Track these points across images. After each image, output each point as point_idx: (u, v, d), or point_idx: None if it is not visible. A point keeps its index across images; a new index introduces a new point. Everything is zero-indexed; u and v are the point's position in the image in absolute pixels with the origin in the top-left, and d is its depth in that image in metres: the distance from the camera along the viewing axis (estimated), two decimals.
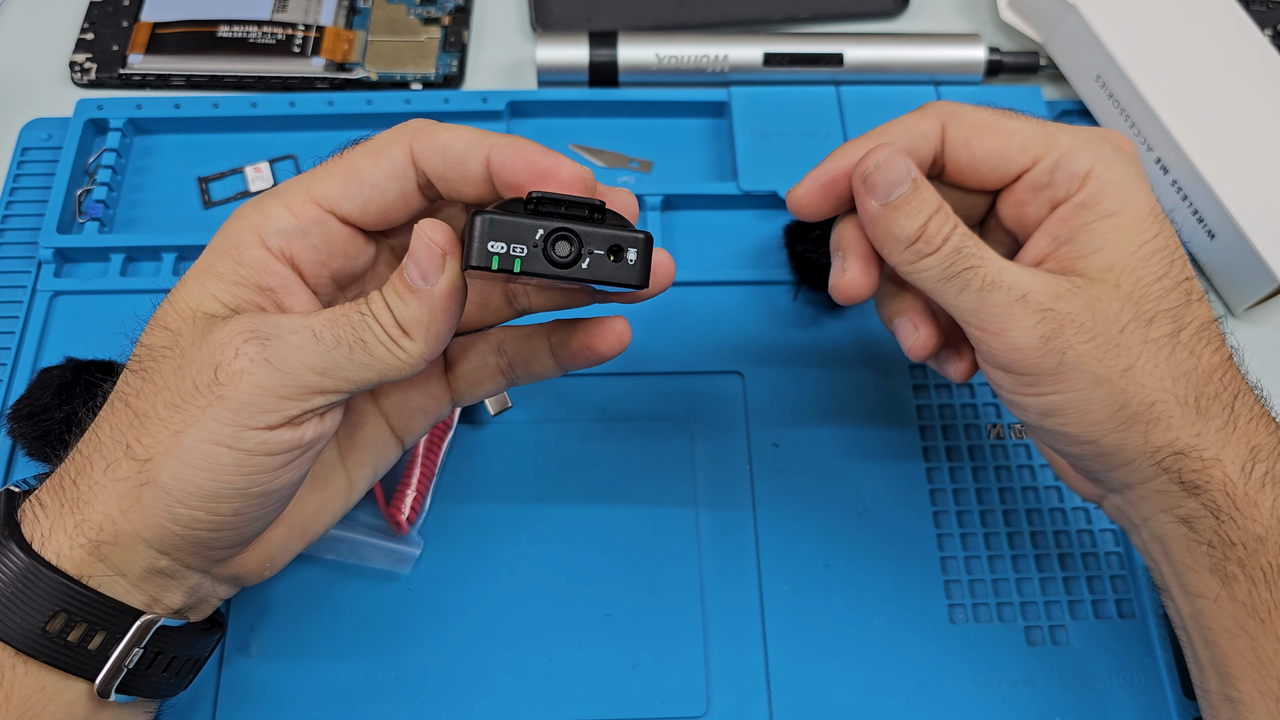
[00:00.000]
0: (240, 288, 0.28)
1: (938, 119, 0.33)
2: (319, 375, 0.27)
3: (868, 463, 0.41)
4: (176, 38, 0.49)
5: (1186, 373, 0.30)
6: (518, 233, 0.25)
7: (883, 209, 0.31)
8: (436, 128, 0.28)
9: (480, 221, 0.25)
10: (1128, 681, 0.38)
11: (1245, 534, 0.30)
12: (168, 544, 0.27)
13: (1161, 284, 0.30)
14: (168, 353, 0.27)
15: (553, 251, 0.25)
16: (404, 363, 0.27)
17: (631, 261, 0.26)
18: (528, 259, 0.25)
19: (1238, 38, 0.47)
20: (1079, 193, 0.31)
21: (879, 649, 0.38)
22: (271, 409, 0.26)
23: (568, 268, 0.26)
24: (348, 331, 0.27)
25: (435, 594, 0.38)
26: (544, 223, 0.26)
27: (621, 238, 0.26)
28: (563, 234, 0.26)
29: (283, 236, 0.28)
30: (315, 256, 0.29)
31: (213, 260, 0.28)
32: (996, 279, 0.30)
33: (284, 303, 0.28)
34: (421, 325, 0.27)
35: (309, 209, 0.28)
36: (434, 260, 0.26)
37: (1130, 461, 0.31)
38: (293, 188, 0.28)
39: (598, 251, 0.26)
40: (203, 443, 0.26)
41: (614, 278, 0.26)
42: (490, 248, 0.25)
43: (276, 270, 0.28)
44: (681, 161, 0.48)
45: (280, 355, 0.26)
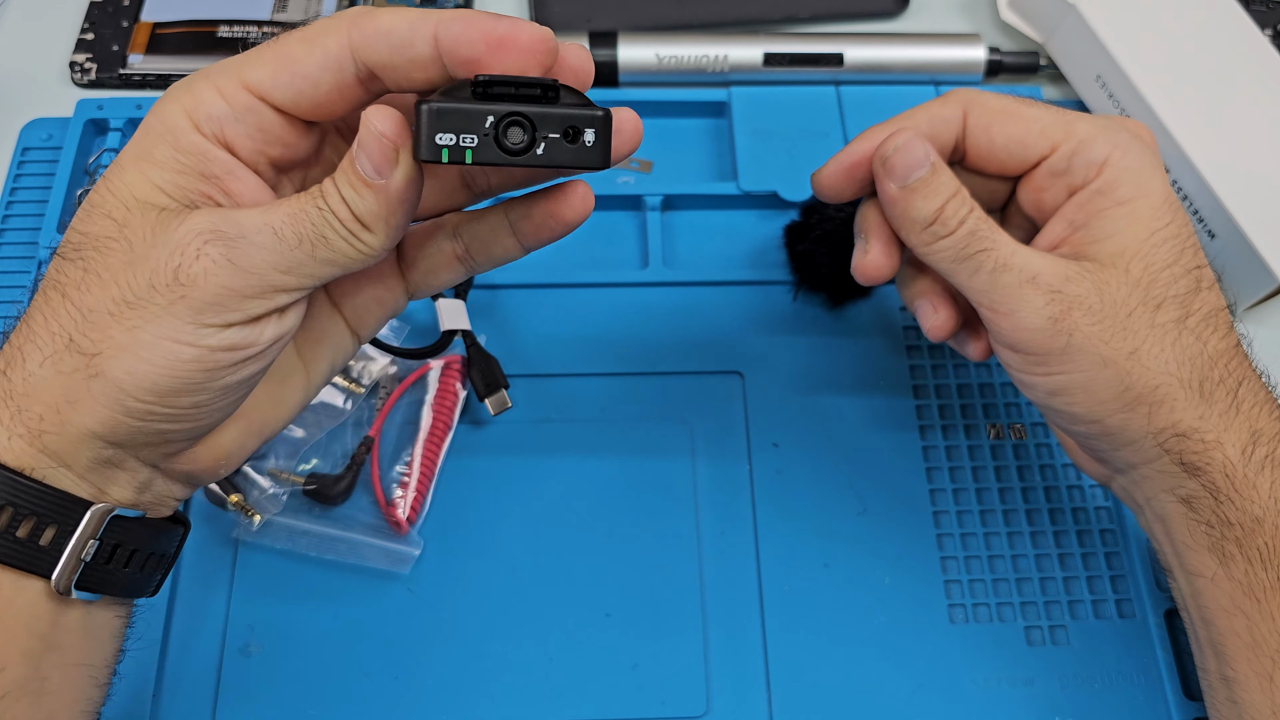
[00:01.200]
0: (184, 176, 0.26)
1: (959, 106, 0.34)
2: (282, 274, 0.26)
3: (867, 463, 0.41)
4: (177, 38, 0.49)
5: (1192, 357, 0.31)
6: (467, 121, 0.24)
7: (901, 191, 0.32)
8: (376, 11, 0.26)
9: (426, 112, 0.24)
10: (1127, 681, 0.38)
11: (1243, 515, 0.31)
12: (120, 435, 0.26)
13: (1171, 271, 0.31)
14: (113, 244, 0.26)
15: (505, 138, 0.24)
16: (365, 255, 0.27)
17: (590, 142, 0.25)
18: (479, 148, 0.24)
19: (1238, 37, 0.47)
20: (1096, 180, 0.32)
21: (879, 649, 0.38)
22: (235, 307, 0.26)
23: (522, 154, 0.24)
24: (308, 228, 0.26)
25: (435, 594, 0.38)
26: (493, 107, 0.24)
27: (577, 117, 0.24)
28: (514, 119, 0.24)
29: (215, 122, 0.26)
30: (251, 144, 0.27)
31: (149, 145, 0.27)
32: (1008, 261, 0.31)
33: (231, 189, 0.27)
34: (380, 218, 0.26)
35: (240, 94, 0.26)
36: (385, 154, 0.25)
37: (1134, 442, 0.32)
38: (225, 69, 0.27)
39: (553, 135, 0.24)
40: (162, 339, 0.25)
41: (573, 161, 0.25)
42: (439, 139, 0.24)
43: (217, 156, 0.27)
44: (681, 161, 0.48)
45: (244, 255, 0.25)
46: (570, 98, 0.25)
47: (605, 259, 0.45)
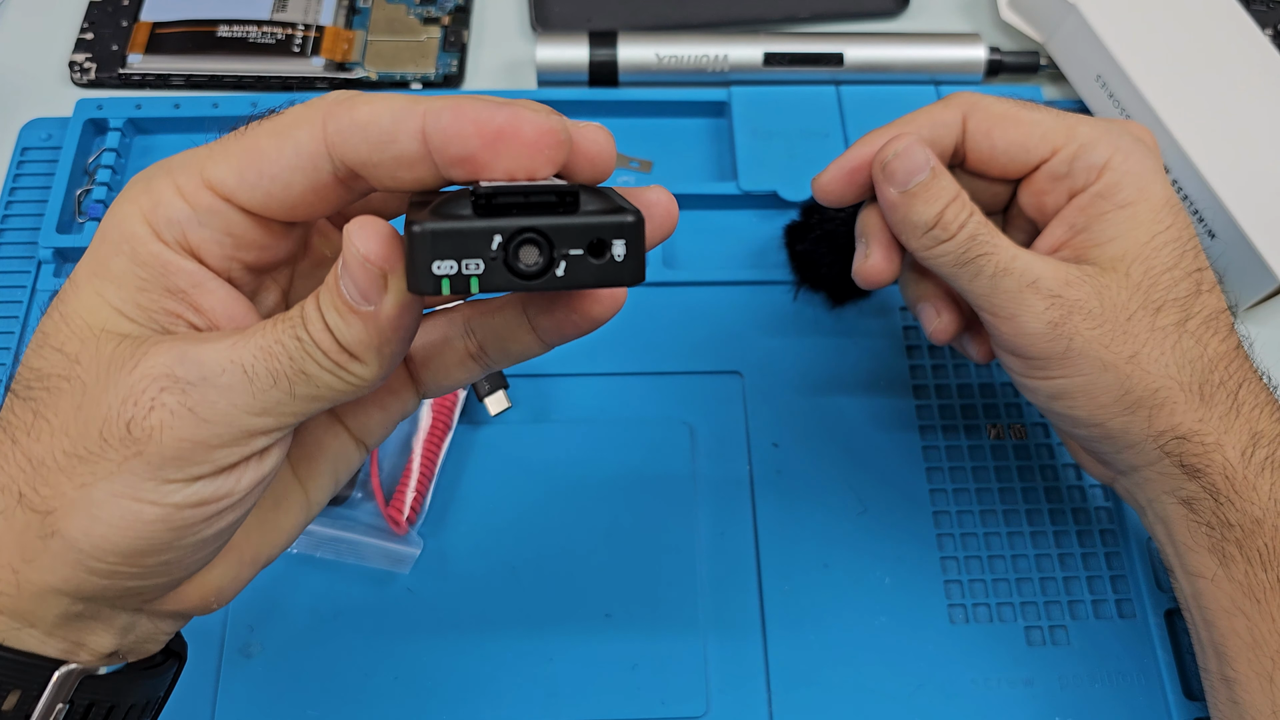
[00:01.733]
0: (145, 293, 0.23)
1: (960, 110, 0.34)
2: (256, 416, 0.22)
3: (867, 463, 0.41)
4: (176, 37, 0.49)
5: (1192, 360, 0.31)
6: (468, 243, 0.20)
7: (901, 196, 0.32)
8: (355, 100, 0.22)
9: (418, 237, 0.20)
10: (1127, 682, 0.38)
11: (1243, 516, 0.31)
12: (86, 591, 0.23)
13: (1172, 274, 0.31)
14: (64, 385, 0.22)
15: (517, 260, 0.20)
16: (356, 388, 0.23)
17: (620, 256, 0.21)
18: (487, 274, 0.20)
19: (1238, 37, 0.47)
20: (1096, 183, 0.32)
21: (879, 649, 0.38)
22: (201, 460, 0.22)
23: (539, 277, 0.20)
24: (285, 364, 0.22)
25: (434, 594, 0.38)
26: (500, 223, 0.20)
27: (603, 227, 0.20)
28: (526, 236, 0.20)
29: (176, 227, 0.23)
30: (219, 251, 0.23)
31: (105, 256, 0.23)
32: (1008, 266, 0.31)
33: (201, 304, 0.23)
34: (370, 348, 0.22)
35: (203, 195, 0.23)
36: (372, 281, 0.21)
37: (1135, 445, 0.32)
38: (187, 165, 0.23)
39: (575, 251, 0.20)
40: (118, 498, 0.22)
41: (601, 280, 0.21)
42: (436, 269, 0.20)
43: (181, 267, 0.23)
44: (681, 161, 0.48)
45: (207, 403, 0.22)
46: (593, 201, 0.21)
47: None
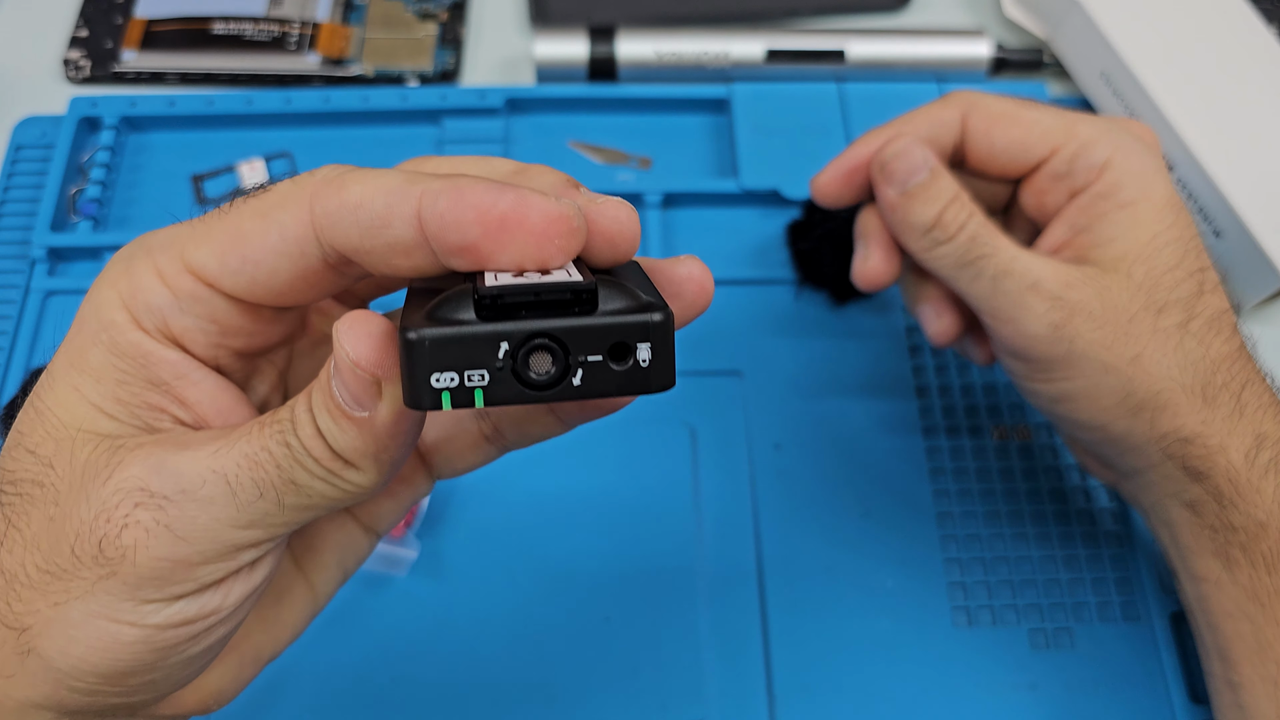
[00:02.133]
0: (125, 386, 0.21)
1: (959, 109, 0.33)
2: (242, 530, 0.20)
3: (870, 464, 0.41)
4: (171, 34, 0.49)
5: (1194, 362, 0.31)
6: (470, 352, 0.18)
7: (900, 197, 0.32)
8: (346, 179, 0.20)
9: (414, 347, 0.17)
10: (1133, 685, 0.37)
11: (1247, 519, 0.30)
12: (70, 706, 0.21)
13: (1174, 274, 0.31)
14: (37, 492, 0.21)
15: (527, 370, 0.18)
16: (352, 495, 0.21)
17: (645, 361, 0.18)
18: (493, 386, 0.18)
19: (1244, 34, 0.46)
20: (1097, 182, 0.32)
21: (882, 653, 0.37)
22: (182, 578, 0.20)
23: (552, 388, 0.18)
24: (272, 473, 0.20)
25: (431, 597, 0.38)
26: (507, 328, 0.18)
27: (625, 328, 0.18)
28: (536, 343, 0.18)
29: (157, 314, 0.21)
30: (204, 338, 0.22)
31: (82, 346, 0.21)
32: (1009, 267, 0.31)
33: (187, 397, 0.22)
34: (367, 456, 0.20)
35: (184, 279, 0.21)
36: (365, 387, 0.19)
37: (1138, 448, 0.31)
38: (168, 245, 0.21)
39: (593, 358, 0.18)
40: (94, 618, 0.20)
41: (624, 388, 0.18)
42: (435, 381, 0.18)
43: (164, 358, 0.21)
44: (682, 158, 0.48)
45: (186, 519, 0.20)
46: (614, 295, 0.18)
47: None
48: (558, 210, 0.18)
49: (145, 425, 0.21)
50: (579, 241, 0.19)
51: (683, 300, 0.21)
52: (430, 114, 0.47)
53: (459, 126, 0.47)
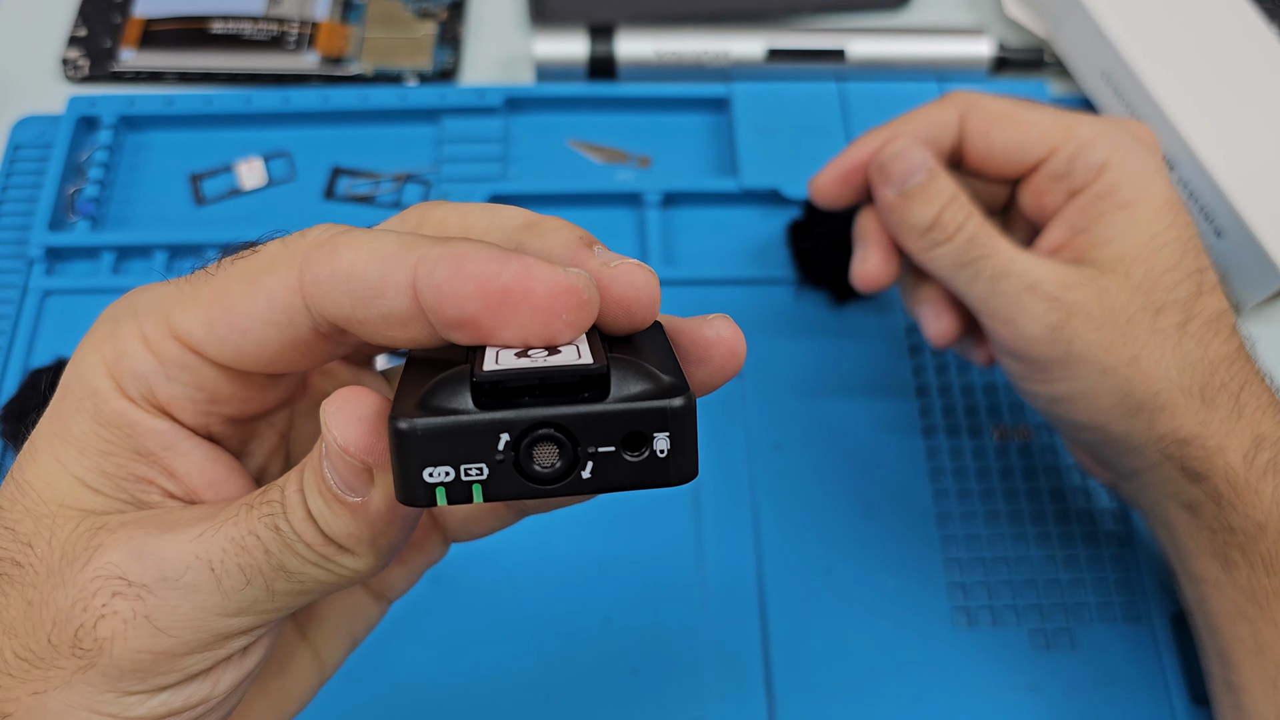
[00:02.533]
0: (110, 458, 0.20)
1: (956, 109, 0.33)
2: (229, 618, 0.19)
3: (870, 465, 0.40)
4: (169, 34, 0.49)
5: (1193, 363, 0.30)
6: (467, 444, 0.16)
7: (898, 198, 0.32)
8: (338, 243, 0.18)
9: (405, 439, 0.16)
10: (1133, 686, 0.37)
11: (1246, 520, 0.30)
12: None
13: (1172, 275, 0.31)
14: (15, 573, 0.19)
15: (531, 463, 0.16)
16: (348, 580, 0.20)
17: (663, 452, 0.16)
18: (493, 481, 0.16)
19: (1246, 33, 0.46)
20: (1095, 183, 0.32)
21: (882, 654, 0.37)
22: (165, 670, 0.19)
23: (559, 481, 0.16)
24: (260, 559, 0.19)
25: (429, 598, 0.37)
26: (506, 417, 0.16)
27: (641, 415, 0.16)
28: (541, 434, 0.16)
29: (142, 381, 0.20)
30: (193, 407, 0.20)
31: (66, 416, 0.20)
32: (1007, 268, 0.31)
33: (176, 469, 0.21)
34: (363, 542, 0.19)
35: (169, 346, 0.20)
36: (355, 474, 0.18)
37: (1137, 449, 0.31)
38: (153, 309, 0.20)
39: (604, 449, 0.16)
40: (75, 709, 0.19)
41: (639, 481, 0.17)
42: (429, 476, 0.16)
43: (150, 427, 0.20)
44: (682, 157, 0.47)
45: (166, 608, 0.18)
46: (629, 375, 0.17)
47: None
48: (566, 282, 0.17)
49: (132, 499, 0.20)
50: (589, 315, 0.17)
51: (710, 365, 0.20)
52: (429, 113, 0.47)
53: (458, 126, 0.47)
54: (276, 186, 0.46)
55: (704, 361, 0.20)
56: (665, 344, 0.19)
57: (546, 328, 0.17)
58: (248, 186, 0.46)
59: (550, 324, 0.17)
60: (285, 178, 0.46)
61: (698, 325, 0.20)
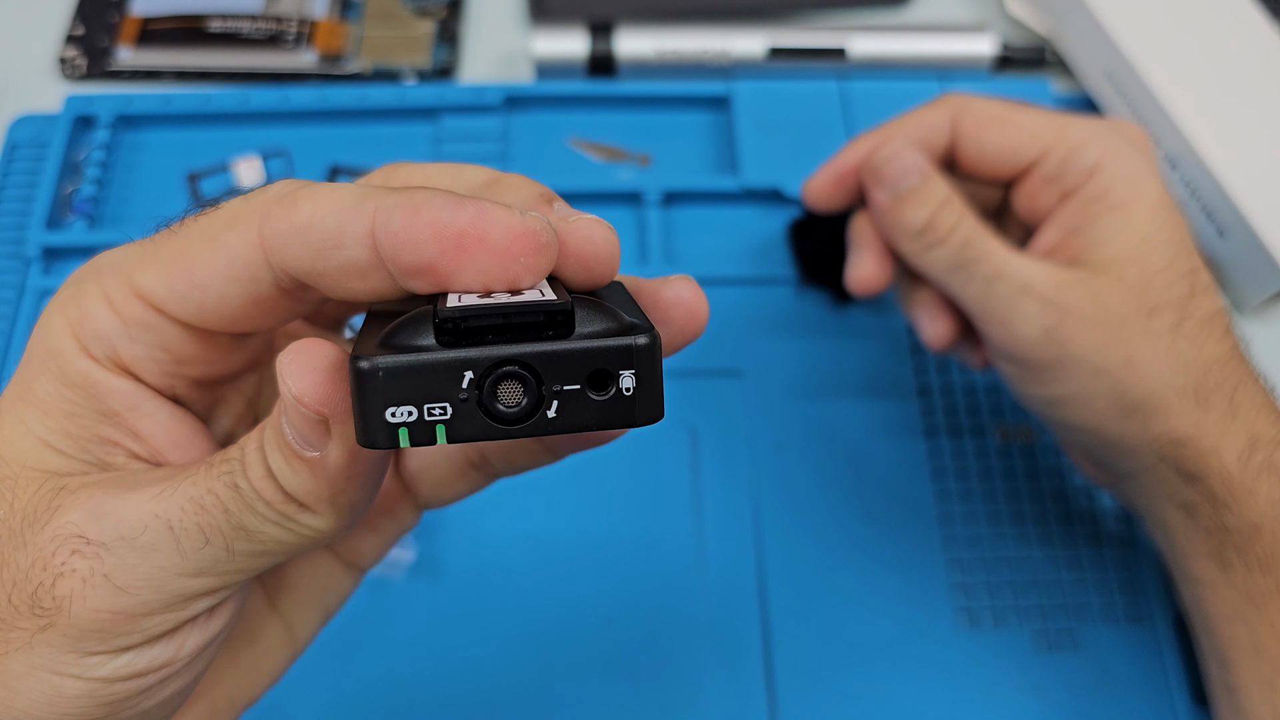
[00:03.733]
0: (74, 418, 0.20)
1: (949, 112, 0.33)
2: (190, 578, 0.19)
3: (871, 465, 0.40)
4: (167, 32, 0.48)
5: (1187, 364, 0.30)
6: (430, 382, 0.16)
7: (892, 201, 0.32)
8: (297, 196, 0.18)
9: (366, 378, 0.16)
10: (1136, 687, 0.37)
11: (1241, 521, 0.30)
12: None
13: (1166, 275, 0.31)
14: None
15: (495, 402, 0.16)
16: (311, 540, 0.19)
17: (629, 390, 0.16)
18: (456, 421, 0.16)
19: (1249, 32, 0.46)
20: (1088, 184, 0.32)
21: (883, 655, 0.37)
22: (126, 631, 0.19)
23: (524, 422, 0.16)
24: (219, 518, 0.18)
25: (429, 600, 0.37)
26: (469, 355, 0.16)
27: (606, 353, 0.16)
28: (506, 371, 0.16)
29: (105, 341, 0.20)
30: (157, 367, 0.20)
31: (31, 377, 0.20)
32: (1001, 270, 0.31)
33: (140, 429, 0.20)
34: (323, 499, 0.19)
35: (132, 305, 0.19)
36: (312, 427, 0.18)
37: (1132, 450, 0.31)
38: (116, 269, 0.20)
39: (570, 386, 0.16)
40: (37, 671, 0.19)
41: (606, 421, 0.16)
42: (390, 416, 0.16)
43: (113, 387, 0.20)
44: (682, 156, 0.47)
45: (125, 568, 0.18)
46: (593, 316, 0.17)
47: None
48: (523, 225, 0.17)
49: (96, 460, 0.20)
50: (549, 259, 0.17)
51: (670, 327, 0.19)
52: (428, 111, 0.47)
53: (457, 124, 0.46)
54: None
55: (663, 323, 0.19)
56: (628, 297, 0.19)
57: (505, 271, 0.17)
58: (246, 185, 0.45)
59: (508, 267, 0.17)
60: (283, 176, 0.46)
61: (658, 286, 0.20)
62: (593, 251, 0.18)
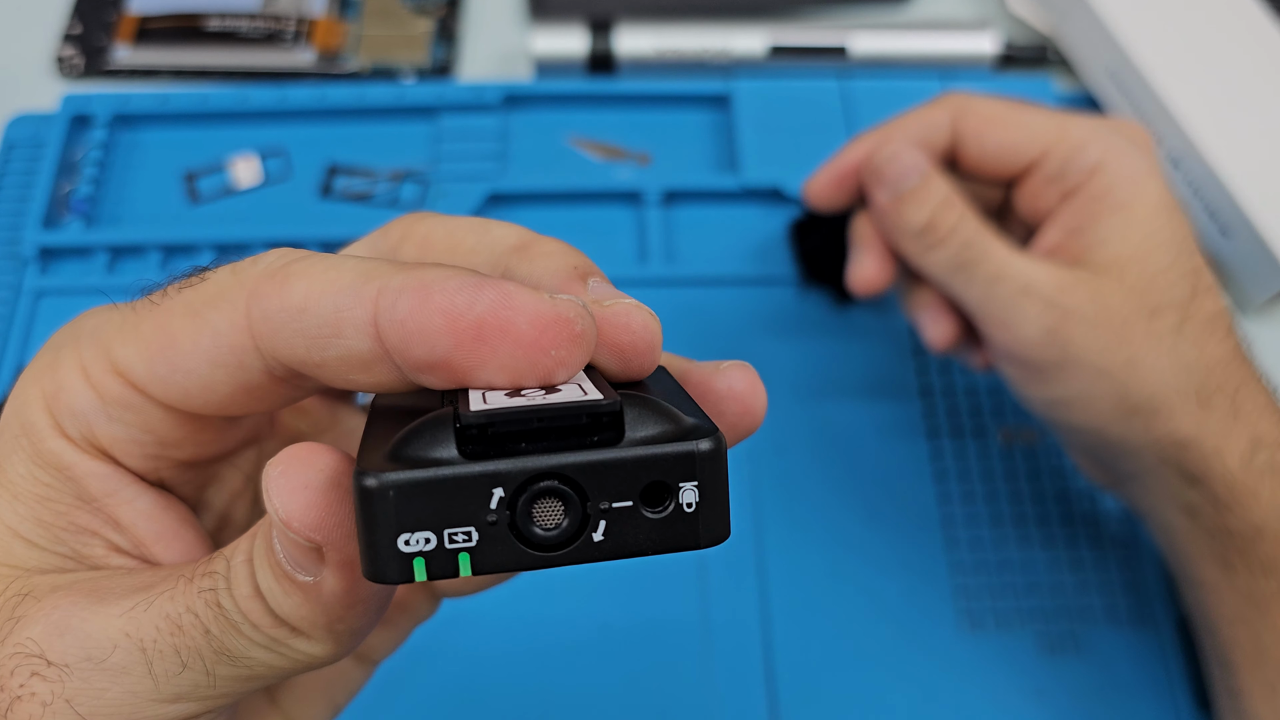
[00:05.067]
0: (47, 504, 0.18)
1: (949, 111, 0.33)
2: (165, 704, 0.17)
3: (873, 467, 0.40)
4: (164, 31, 0.48)
5: (1189, 365, 0.30)
6: (453, 503, 0.13)
7: (892, 201, 0.32)
8: (290, 273, 0.16)
9: (373, 499, 0.13)
10: (1139, 690, 0.37)
11: (1244, 524, 0.30)
12: None
13: (1167, 276, 0.31)
14: None
15: (530, 524, 0.14)
16: (305, 665, 0.17)
17: (691, 505, 0.14)
18: (483, 547, 0.14)
19: (1252, 31, 0.46)
20: (1089, 184, 0.32)
21: (885, 658, 0.37)
22: None
23: (564, 547, 0.14)
24: (199, 640, 0.16)
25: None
26: (500, 467, 0.13)
27: (664, 460, 0.14)
28: (543, 486, 0.13)
29: (81, 420, 0.18)
30: (139, 450, 0.18)
31: (2, 455, 0.18)
32: (1002, 270, 0.31)
33: (121, 518, 0.18)
34: (319, 626, 0.16)
35: (111, 383, 0.17)
36: (303, 554, 0.15)
37: (1134, 452, 0.31)
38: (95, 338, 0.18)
39: (620, 504, 0.14)
40: None
41: (663, 543, 0.14)
42: (404, 545, 0.13)
43: (90, 470, 0.18)
44: (682, 155, 0.47)
45: (91, 694, 0.16)
46: (644, 415, 0.14)
47: (602, 255, 0.44)
48: (554, 312, 0.14)
49: (71, 552, 0.18)
50: (584, 350, 0.15)
51: (721, 423, 0.17)
52: (427, 110, 0.46)
53: (456, 123, 0.46)
54: (272, 184, 0.45)
55: (714, 418, 0.17)
56: (676, 386, 0.16)
57: (534, 366, 0.14)
58: (243, 184, 0.45)
59: (538, 362, 0.14)
60: (281, 175, 0.45)
61: (708, 374, 0.17)
62: (630, 341, 0.16)
